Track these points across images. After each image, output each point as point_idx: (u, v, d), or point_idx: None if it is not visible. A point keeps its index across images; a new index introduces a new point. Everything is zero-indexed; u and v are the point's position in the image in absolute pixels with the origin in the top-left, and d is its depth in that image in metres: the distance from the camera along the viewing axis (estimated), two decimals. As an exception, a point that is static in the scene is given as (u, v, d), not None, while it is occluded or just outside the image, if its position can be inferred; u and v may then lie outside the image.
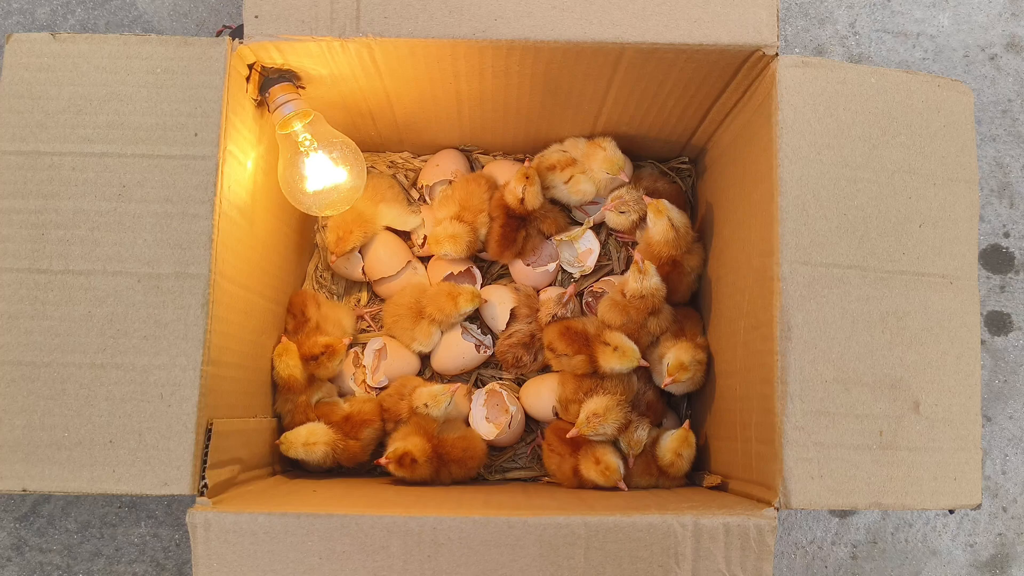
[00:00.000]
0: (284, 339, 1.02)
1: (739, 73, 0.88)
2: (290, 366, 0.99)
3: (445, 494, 0.91)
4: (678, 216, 1.02)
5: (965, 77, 1.28)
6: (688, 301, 1.10)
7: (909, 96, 0.84)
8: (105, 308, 0.76)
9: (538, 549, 0.74)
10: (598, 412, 0.97)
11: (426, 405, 0.98)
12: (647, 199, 1.04)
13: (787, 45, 1.28)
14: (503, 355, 1.09)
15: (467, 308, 1.06)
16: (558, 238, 1.12)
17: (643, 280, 1.00)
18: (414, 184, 1.17)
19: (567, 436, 0.98)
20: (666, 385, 1.01)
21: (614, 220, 1.10)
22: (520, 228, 1.08)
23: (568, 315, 1.06)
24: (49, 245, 0.77)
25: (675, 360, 1.00)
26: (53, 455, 0.73)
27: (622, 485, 0.96)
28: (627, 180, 1.08)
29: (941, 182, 0.84)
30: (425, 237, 1.12)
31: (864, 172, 0.82)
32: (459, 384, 1.03)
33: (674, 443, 0.98)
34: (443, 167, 1.14)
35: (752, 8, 0.83)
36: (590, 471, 0.96)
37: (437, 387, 1.00)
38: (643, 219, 1.07)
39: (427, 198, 1.15)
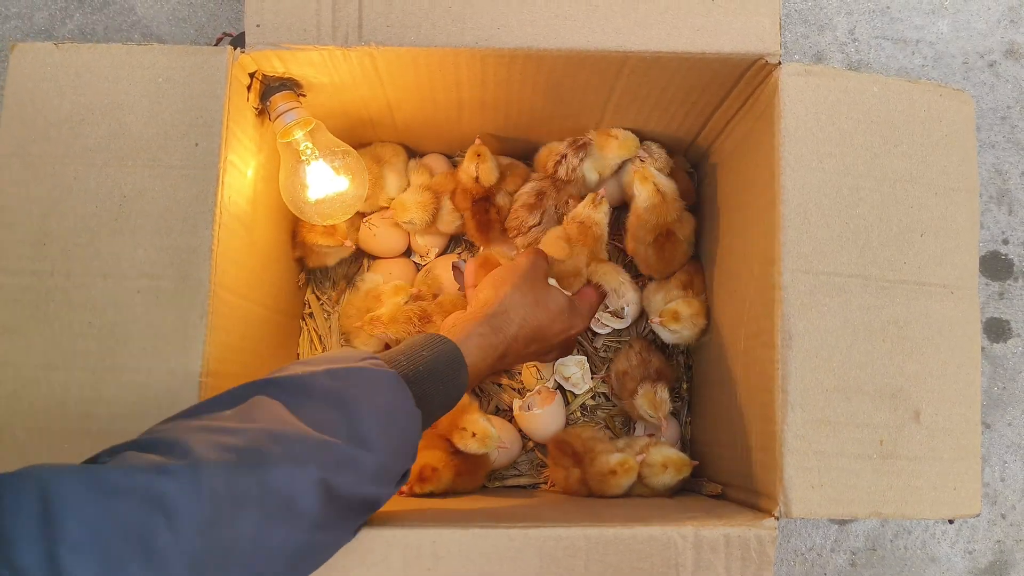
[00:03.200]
0: None
1: (741, 81, 0.88)
2: None
3: (444, 506, 0.91)
4: (665, 182, 1.02)
5: (964, 84, 1.29)
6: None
7: (911, 105, 0.84)
8: (105, 318, 0.75)
9: (538, 561, 0.74)
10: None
11: (473, 435, 0.95)
12: (636, 165, 1.04)
13: (786, 52, 1.29)
14: (509, 222, 1.08)
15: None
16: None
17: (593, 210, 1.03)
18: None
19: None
20: (652, 322, 1.05)
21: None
22: (488, 208, 1.07)
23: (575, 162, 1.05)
24: (50, 254, 0.76)
25: (671, 308, 1.03)
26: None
27: (641, 456, 0.96)
28: (647, 155, 1.07)
29: (942, 191, 0.84)
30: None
31: (866, 181, 0.82)
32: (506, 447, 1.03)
33: (671, 457, 0.97)
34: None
35: (754, 17, 0.83)
36: (610, 482, 0.95)
37: (493, 430, 0.97)
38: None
39: None
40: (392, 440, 0.68)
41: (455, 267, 1.10)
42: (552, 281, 1.00)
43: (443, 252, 1.15)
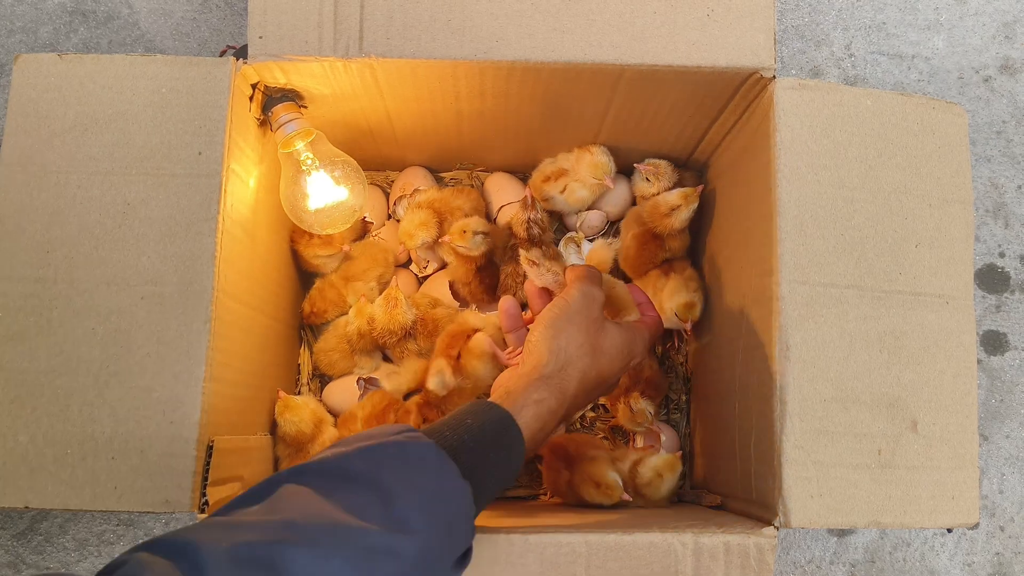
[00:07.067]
0: (281, 394, 1.00)
1: (737, 95, 0.89)
2: (294, 422, 0.97)
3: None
4: (687, 215, 1.04)
5: (960, 99, 1.30)
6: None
7: (904, 118, 0.85)
8: (109, 325, 0.76)
9: (539, 567, 0.74)
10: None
11: None
12: (700, 188, 1.04)
13: (784, 67, 1.30)
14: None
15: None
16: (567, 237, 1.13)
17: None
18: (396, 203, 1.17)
19: None
20: (690, 331, 1.04)
21: (636, 183, 1.11)
22: (494, 272, 1.10)
23: (538, 222, 1.06)
24: (55, 262, 0.77)
25: (679, 305, 1.03)
26: (56, 471, 0.73)
27: (627, 496, 0.96)
28: (612, 187, 1.08)
29: (936, 203, 0.84)
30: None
31: (861, 193, 0.82)
32: None
33: (660, 464, 0.98)
34: (411, 184, 1.15)
35: (749, 32, 0.84)
36: (591, 494, 0.96)
37: None
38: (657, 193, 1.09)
39: (394, 214, 1.16)
40: (437, 519, 0.61)
41: (359, 382, 1.08)
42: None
43: (442, 267, 1.15)
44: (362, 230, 1.15)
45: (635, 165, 1.09)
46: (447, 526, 0.62)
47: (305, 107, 0.93)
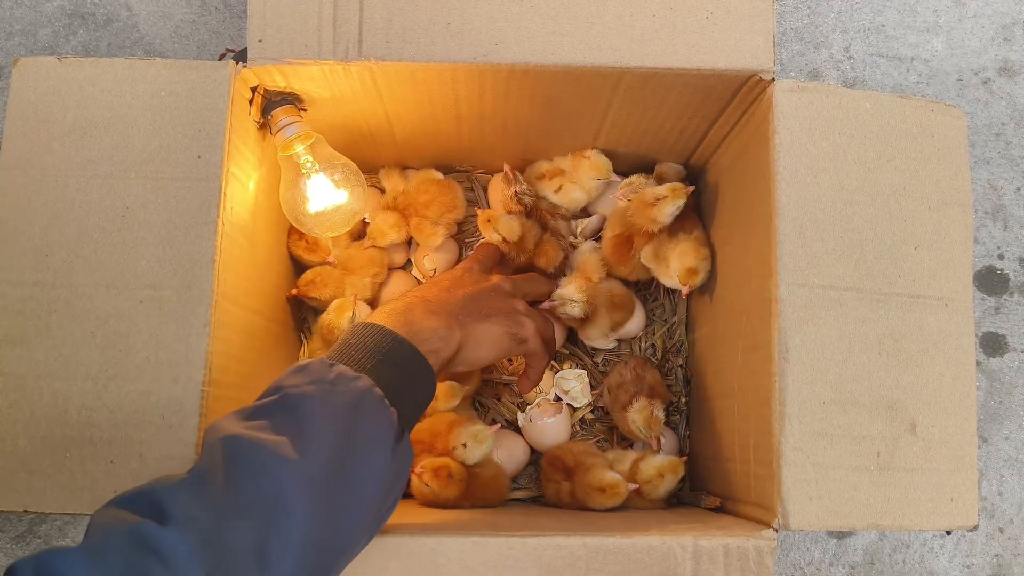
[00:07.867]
0: None
1: (736, 97, 0.89)
2: None
3: (443, 516, 0.91)
4: (671, 209, 0.99)
5: (959, 101, 1.30)
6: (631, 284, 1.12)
7: (903, 120, 0.85)
8: (108, 328, 0.76)
9: (537, 570, 0.74)
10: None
11: (464, 445, 0.95)
12: (691, 188, 1.00)
13: (783, 69, 1.30)
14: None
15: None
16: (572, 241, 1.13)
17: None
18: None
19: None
20: (686, 295, 1.02)
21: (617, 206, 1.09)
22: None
23: (526, 192, 1.07)
24: (53, 265, 0.77)
25: (681, 268, 1.00)
26: (55, 475, 0.73)
27: (634, 485, 0.96)
28: (618, 180, 1.08)
29: (935, 205, 0.84)
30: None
31: (860, 195, 0.82)
32: (497, 424, 1.02)
33: (664, 464, 0.98)
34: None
35: (748, 34, 0.84)
36: (598, 500, 0.95)
37: (478, 425, 0.97)
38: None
39: None
40: (340, 409, 0.68)
41: None
42: None
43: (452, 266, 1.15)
44: (361, 232, 1.15)
45: (611, 196, 1.07)
46: (354, 407, 0.69)
47: (305, 110, 0.93)
